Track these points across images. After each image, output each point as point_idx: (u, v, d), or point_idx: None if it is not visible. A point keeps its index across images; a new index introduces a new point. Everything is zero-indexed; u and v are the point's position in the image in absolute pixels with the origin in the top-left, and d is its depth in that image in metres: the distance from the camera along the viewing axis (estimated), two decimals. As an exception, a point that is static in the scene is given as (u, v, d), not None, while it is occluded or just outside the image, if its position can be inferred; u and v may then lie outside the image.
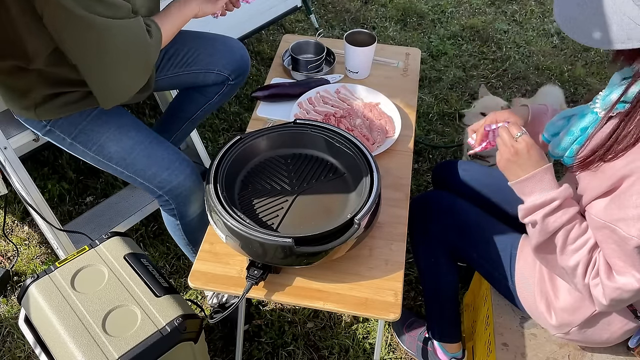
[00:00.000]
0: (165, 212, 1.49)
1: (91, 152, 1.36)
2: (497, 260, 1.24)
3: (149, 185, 1.39)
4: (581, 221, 1.01)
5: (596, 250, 0.98)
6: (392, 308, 1.07)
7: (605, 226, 0.93)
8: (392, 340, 1.68)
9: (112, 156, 1.36)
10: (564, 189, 1.00)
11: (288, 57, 1.67)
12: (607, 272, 0.95)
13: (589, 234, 0.99)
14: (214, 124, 2.40)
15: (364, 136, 1.39)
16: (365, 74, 1.63)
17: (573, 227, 0.99)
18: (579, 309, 1.10)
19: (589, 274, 0.98)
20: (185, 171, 1.39)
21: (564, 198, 0.99)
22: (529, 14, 3.21)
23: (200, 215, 1.49)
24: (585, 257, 0.98)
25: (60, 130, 1.34)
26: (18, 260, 1.87)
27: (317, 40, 1.68)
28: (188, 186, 1.40)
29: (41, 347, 1.15)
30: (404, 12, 3.19)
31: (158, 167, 1.37)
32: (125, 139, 1.36)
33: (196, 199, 1.44)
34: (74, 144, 1.36)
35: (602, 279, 0.96)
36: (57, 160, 2.18)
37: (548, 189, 1.01)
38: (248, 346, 1.65)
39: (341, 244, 1.02)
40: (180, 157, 1.40)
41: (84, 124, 1.34)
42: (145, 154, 1.36)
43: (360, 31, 1.60)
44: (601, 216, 0.95)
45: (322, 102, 1.51)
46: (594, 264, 0.98)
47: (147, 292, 1.19)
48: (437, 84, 2.68)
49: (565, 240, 1.00)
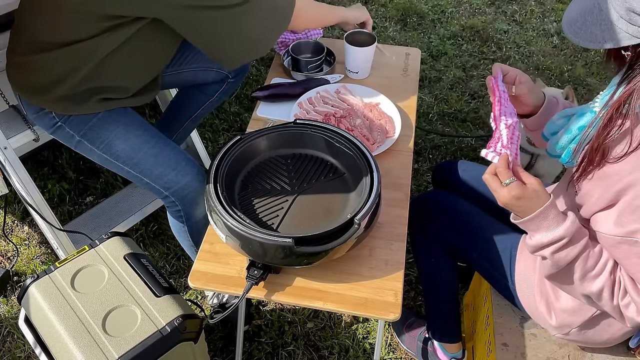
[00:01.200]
0: (171, 213, 1.48)
1: (99, 150, 1.35)
2: (497, 260, 1.24)
3: (155, 185, 1.38)
4: (594, 246, 0.97)
5: (616, 269, 0.95)
6: (392, 308, 1.07)
7: (623, 241, 0.90)
8: (392, 340, 1.68)
9: (119, 155, 1.35)
10: (570, 224, 0.94)
11: (288, 58, 1.67)
12: (635, 288, 0.92)
13: (605, 256, 0.96)
14: (214, 124, 2.40)
15: (364, 136, 1.39)
16: (365, 74, 1.63)
17: (588, 256, 0.95)
18: (579, 310, 1.10)
19: (616, 295, 0.95)
20: (191, 172, 1.38)
21: (571, 234, 0.93)
22: (529, 14, 3.21)
23: (206, 217, 1.47)
24: (609, 280, 0.95)
25: (70, 127, 1.33)
26: (18, 260, 1.87)
27: (317, 40, 1.68)
28: (195, 187, 1.39)
29: (41, 347, 1.15)
30: (404, 12, 3.19)
31: (165, 167, 1.36)
32: (133, 138, 1.35)
33: (202, 200, 1.43)
34: (82, 141, 1.35)
35: (633, 297, 0.93)
36: (57, 160, 2.18)
37: (554, 227, 0.95)
38: (248, 346, 1.65)
39: (341, 244, 1.02)
40: (186, 158, 1.40)
41: (94, 121, 1.33)
42: (152, 153, 1.36)
43: (360, 31, 1.60)
44: (615, 232, 0.91)
45: (322, 102, 1.51)
46: (619, 284, 0.95)
47: (147, 292, 1.19)
48: (437, 84, 2.68)
49: (584, 269, 0.95)
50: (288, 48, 1.66)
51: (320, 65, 1.64)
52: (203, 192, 1.41)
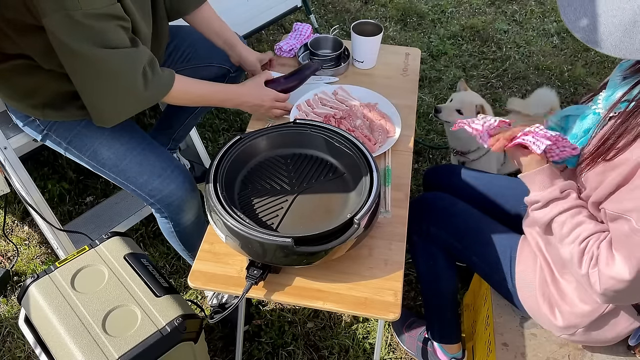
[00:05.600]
0: (159, 219, 1.48)
1: (85, 157, 1.35)
2: (496, 262, 1.24)
3: (140, 192, 1.37)
4: (573, 215, 1.02)
5: (591, 242, 0.98)
6: (392, 308, 1.07)
7: (619, 217, 0.93)
8: (392, 340, 1.68)
9: (105, 162, 1.35)
10: (548, 193, 1.04)
11: (304, 53, 1.69)
12: (607, 262, 0.95)
13: (583, 227, 1.00)
14: (214, 124, 2.40)
15: (366, 136, 1.38)
16: (371, 63, 1.67)
17: (564, 223, 1.02)
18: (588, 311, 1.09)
19: (585, 264, 0.98)
20: (177, 179, 1.37)
21: (546, 200, 1.04)
22: (529, 14, 3.21)
23: (195, 222, 1.47)
24: (578, 248, 0.99)
25: (56, 134, 1.34)
26: (18, 260, 1.87)
27: (335, 37, 1.70)
28: (179, 195, 1.38)
29: (41, 347, 1.15)
30: (404, 12, 3.19)
31: (149, 175, 1.35)
32: (118, 145, 1.34)
33: (190, 208, 1.42)
34: (70, 148, 1.35)
35: (600, 267, 0.95)
36: (57, 160, 2.18)
37: (537, 190, 1.07)
38: (248, 346, 1.65)
39: (341, 243, 1.02)
40: (172, 165, 1.38)
41: (79, 128, 1.33)
42: (137, 160, 1.35)
43: (367, 22, 1.65)
44: (611, 208, 0.94)
45: (321, 104, 1.50)
46: (591, 255, 0.97)
47: (147, 292, 1.19)
48: (437, 84, 2.68)
49: (560, 234, 1.03)
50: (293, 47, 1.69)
51: (339, 61, 1.66)
52: (189, 199, 1.40)
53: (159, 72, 1.22)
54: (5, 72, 1.22)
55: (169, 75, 1.24)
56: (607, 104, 0.98)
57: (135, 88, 1.16)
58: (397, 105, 1.49)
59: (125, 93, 1.17)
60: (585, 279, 0.99)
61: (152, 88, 1.20)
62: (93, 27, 1.06)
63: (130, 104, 1.20)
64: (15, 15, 1.08)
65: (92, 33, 1.06)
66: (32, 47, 1.15)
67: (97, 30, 1.07)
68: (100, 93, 1.16)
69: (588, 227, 1.00)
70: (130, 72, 1.14)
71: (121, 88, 1.16)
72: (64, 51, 1.08)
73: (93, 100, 1.18)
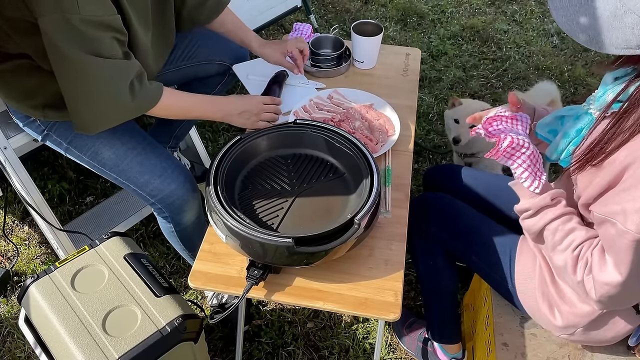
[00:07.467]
0: (160, 219, 1.48)
1: (86, 157, 1.35)
2: (496, 262, 1.24)
3: (141, 192, 1.37)
4: (564, 222, 1.02)
5: (585, 248, 0.98)
6: (392, 308, 1.07)
7: (605, 220, 0.92)
8: (392, 341, 1.68)
9: (106, 162, 1.35)
10: (539, 199, 1.04)
11: None
12: (600, 267, 0.94)
13: (576, 234, 1.00)
14: (214, 124, 2.40)
15: (367, 137, 1.38)
16: (372, 64, 1.67)
17: (556, 230, 1.02)
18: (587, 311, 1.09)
19: (580, 270, 0.98)
20: (177, 179, 1.36)
21: (537, 208, 1.04)
22: (529, 14, 3.21)
23: (195, 222, 1.47)
24: (571, 255, 0.99)
25: (57, 134, 1.34)
26: (18, 260, 1.87)
27: (336, 36, 1.71)
28: (180, 195, 1.37)
29: (41, 347, 1.15)
30: (404, 12, 3.19)
31: (150, 175, 1.35)
32: (119, 145, 1.34)
33: (190, 208, 1.42)
34: (70, 148, 1.35)
35: (594, 274, 0.95)
36: (57, 160, 2.18)
37: (527, 197, 1.07)
38: (248, 346, 1.65)
39: (341, 244, 1.02)
40: (173, 165, 1.37)
41: None
42: (138, 160, 1.35)
43: (367, 22, 1.65)
44: (598, 210, 0.94)
45: (317, 109, 1.49)
46: (586, 262, 0.97)
47: (147, 292, 1.19)
48: (437, 84, 2.68)
49: (552, 241, 1.03)
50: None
51: (340, 60, 1.66)
52: (190, 199, 1.40)
53: (147, 84, 1.21)
54: (6, 73, 1.22)
55: (157, 89, 1.23)
56: (599, 104, 0.98)
57: (120, 98, 1.16)
58: (397, 105, 1.49)
59: (110, 102, 1.16)
60: (581, 286, 0.99)
61: (138, 100, 1.19)
62: (87, 33, 1.05)
63: (113, 114, 1.20)
64: (14, 13, 1.07)
65: (85, 39, 1.06)
66: (32, 47, 1.15)
67: (91, 38, 1.06)
68: (83, 99, 1.15)
69: (580, 234, 1.00)
70: (117, 83, 1.14)
71: (106, 97, 1.15)
72: (54, 53, 1.07)
73: (76, 105, 1.17)
